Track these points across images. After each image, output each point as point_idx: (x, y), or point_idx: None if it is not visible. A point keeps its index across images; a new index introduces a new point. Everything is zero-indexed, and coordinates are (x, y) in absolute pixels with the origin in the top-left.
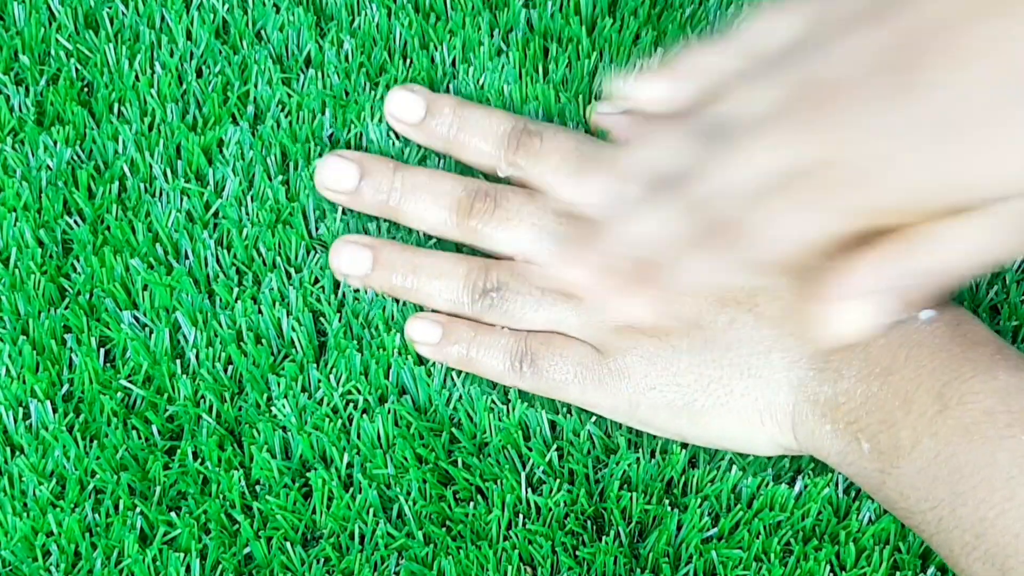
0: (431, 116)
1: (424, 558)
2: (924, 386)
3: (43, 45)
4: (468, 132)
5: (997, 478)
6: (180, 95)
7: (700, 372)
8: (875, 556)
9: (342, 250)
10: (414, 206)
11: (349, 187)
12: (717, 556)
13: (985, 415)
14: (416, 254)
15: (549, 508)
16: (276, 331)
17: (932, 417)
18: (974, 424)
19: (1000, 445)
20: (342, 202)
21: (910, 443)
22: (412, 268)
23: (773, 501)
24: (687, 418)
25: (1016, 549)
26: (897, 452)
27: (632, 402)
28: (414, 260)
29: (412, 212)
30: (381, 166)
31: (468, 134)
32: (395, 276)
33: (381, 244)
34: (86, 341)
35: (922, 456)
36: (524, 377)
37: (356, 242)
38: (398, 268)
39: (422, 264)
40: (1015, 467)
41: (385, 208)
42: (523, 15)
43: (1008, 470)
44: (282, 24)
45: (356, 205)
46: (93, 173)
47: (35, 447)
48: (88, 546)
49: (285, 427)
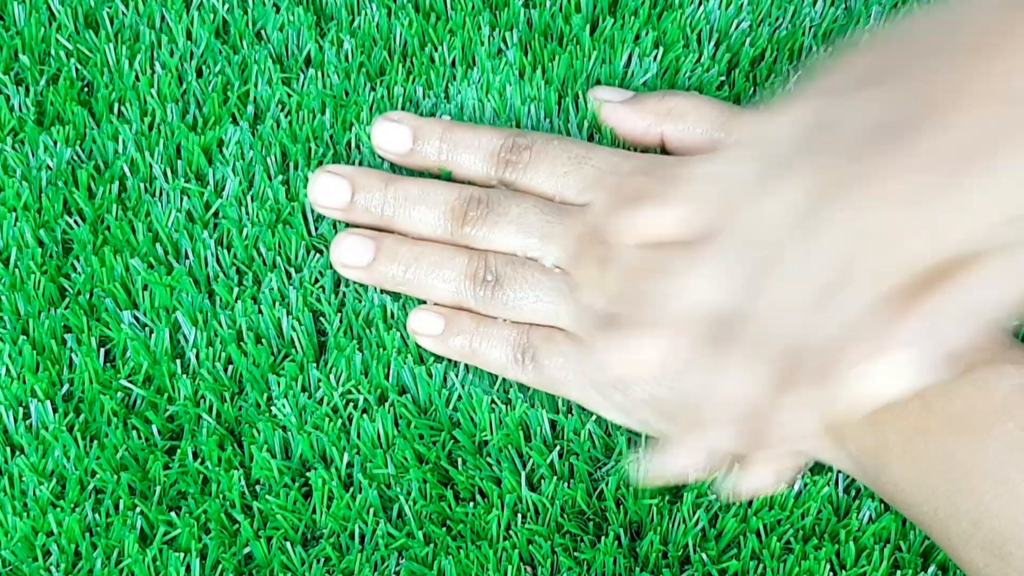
0: (419, 144)
1: (424, 558)
2: None
3: (43, 45)
4: (458, 153)
5: (989, 464)
6: (180, 95)
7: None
8: (875, 555)
9: (344, 241)
10: (408, 217)
11: (342, 204)
12: (717, 555)
13: (969, 407)
14: (417, 244)
15: (548, 508)
16: (276, 331)
17: (915, 414)
18: (960, 417)
19: (989, 434)
20: (336, 217)
21: (898, 441)
22: (414, 257)
23: (773, 500)
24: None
25: (1014, 534)
26: (887, 450)
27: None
28: (415, 250)
29: (406, 223)
30: (372, 180)
31: (458, 155)
32: (396, 267)
33: (383, 235)
34: (86, 341)
35: (912, 451)
36: (526, 371)
37: (359, 233)
38: (400, 258)
39: (423, 254)
40: (1006, 452)
41: (379, 220)
42: (523, 15)
43: (999, 454)
44: (282, 24)
45: (350, 219)
46: (93, 173)
47: (35, 447)
48: (88, 546)
49: (285, 427)
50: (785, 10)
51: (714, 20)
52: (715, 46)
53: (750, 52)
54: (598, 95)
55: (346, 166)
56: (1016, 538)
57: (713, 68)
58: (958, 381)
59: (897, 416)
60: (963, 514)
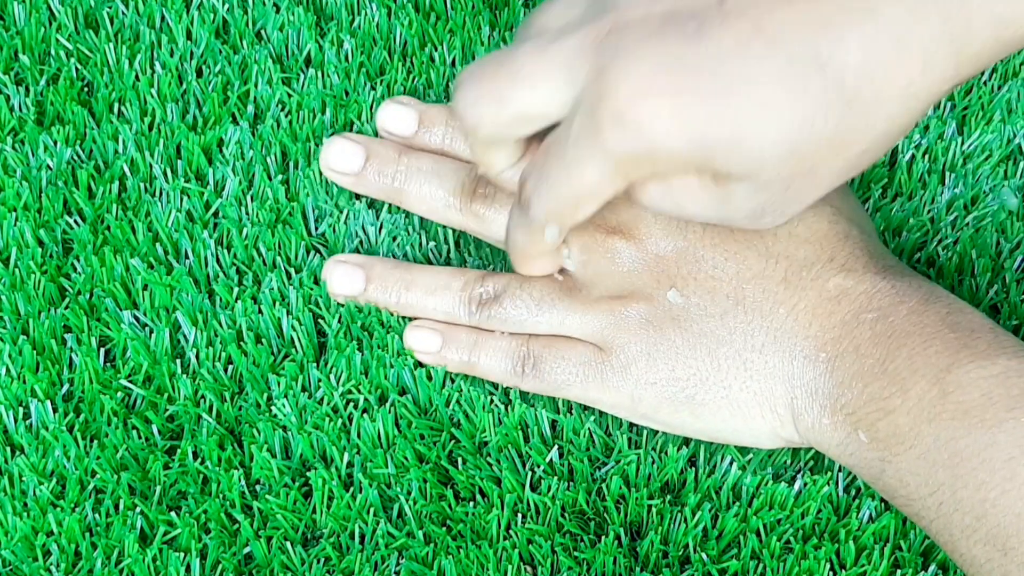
0: (424, 128)
1: (424, 558)
2: (920, 372)
3: (43, 45)
4: (462, 141)
5: (997, 459)
6: (180, 95)
7: (696, 367)
8: (875, 554)
9: (334, 271)
10: (418, 189)
11: (354, 169)
12: (717, 555)
13: (984, 399)
14: (409, 270)
15: (549, 507)
16: (276, 331)
17: (931, 402)
18: (974, 408)
19: (1000, 428)
20: (346, 184)
21: (909, 430)
22: (405, 285)
23: (773, 499)
24: (689, 412)
25: (1018, 528)
26: (896, 439)
27: (634, 398)
28: (406, 276)
29: (416, 195)
30: (386, 149)
31: (462, 143)
32: (389, 294)
33: (372, 262)
34: (86, 341)
35: (922, 442)
36: (526, 379)
37: (347, 261)
38: (391, 286)
39: (415, 280)
40: (1015, 448)
41: (389, 191)
42: (523, 15)
43: (1008, 451)
44: (282, 24)
45: (360, 187)
46: (93, 173)
47: (35, 447)
48: (88, 546)
49: (285, 427)
50: None
51: None
52: None
53: None
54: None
55: (361, 135)
56: (1019, 533)
57: None
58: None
59: (912, 403)
60: (967, 508)
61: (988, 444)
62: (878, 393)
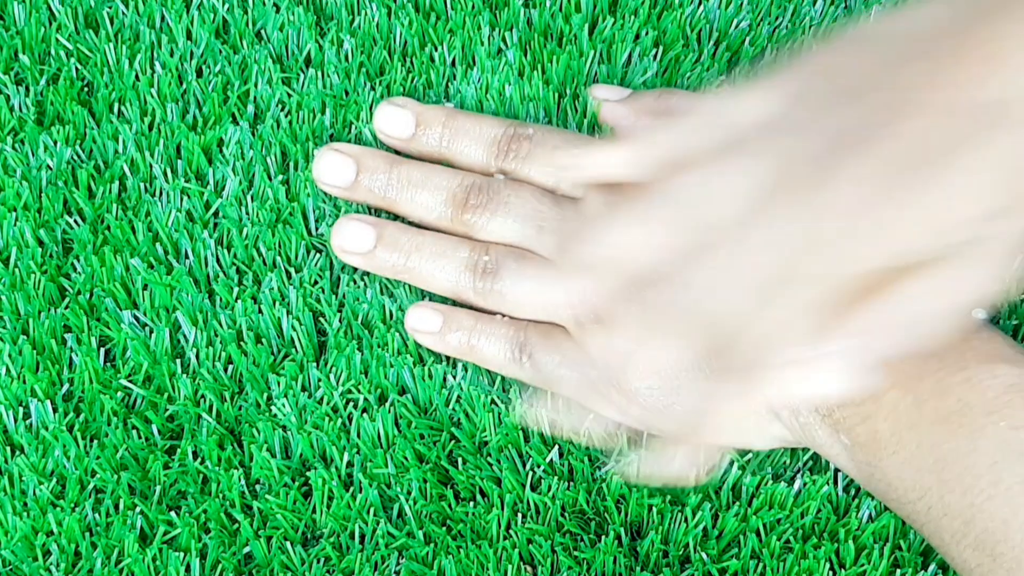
0: (422, 129)
1: (424, 557)
2: (889, 379)
3: (43, 45)
4: (459, 142)
5: (981, 464)
6: (180, 95)
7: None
8: (875, 554)
9: (345, 226)
10: (410, 200)
11: (345, 182)
12: (717, 555)
13: (962, 405)
14: (419, 234)
15: (549, 507)
16: (276, 331)
17: (907, 410)
18: (952, 414)
19: (982, 433)
20: (340, 195)
21: (891, 435)
22: (415, 246)
23: (772, 499)
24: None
25: (1005, 535)
26: (879, 444)
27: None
28: (416, 239)
29: (407, 206)
30: (377, 161)
31: (460, 143)
32: (397, 255)
33: (384, 223)
34: (86, 341)
35: (904, 448)
36: (524, 368)
37: (360, 220)
38: (400, 247)
39: (424, 243)
40: (998, 452)
41: (381, 201)
42: (523, 15)
43: (992, 456)
44: (282, 24)
45: (353, 198)
46: (93, 173)
47: (35, 447)
48: (88, 546)
49: (285, 426)
50: (785, 9)
51: (714, 19)
52: (715, 45)
53: (750, 51)
54: (597, 94)
55: (352, 145)
56: (1008, 538)
57: (713, 67)
58: (952, 378)
59: (888, 410)
60: (955, 513)
61: (971, 450)
62: (856, 398)
